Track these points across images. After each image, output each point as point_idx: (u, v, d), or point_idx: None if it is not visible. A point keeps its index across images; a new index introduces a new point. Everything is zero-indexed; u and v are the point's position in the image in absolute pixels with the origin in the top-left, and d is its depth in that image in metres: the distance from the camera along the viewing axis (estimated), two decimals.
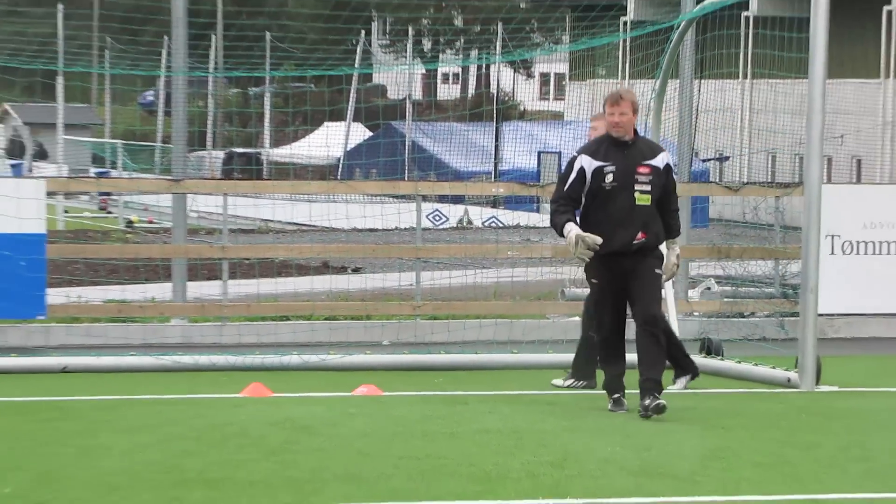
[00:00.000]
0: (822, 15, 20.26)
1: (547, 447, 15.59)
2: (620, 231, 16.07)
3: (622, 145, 16.25)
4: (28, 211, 23.67)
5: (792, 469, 14.81)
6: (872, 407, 19.13)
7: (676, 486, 13.88)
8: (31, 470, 14.36)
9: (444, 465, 14.73)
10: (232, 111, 71.44)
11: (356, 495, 13.21)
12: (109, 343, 23.51)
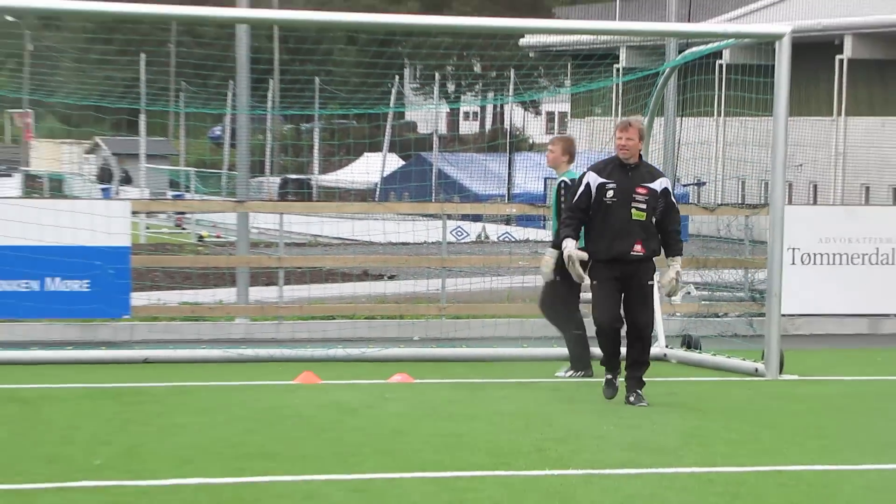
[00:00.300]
0: (784, 63, 20.30)
1: (552, 426, 15.56)
2: (618, 241, 16.04)
3: (626, 167, 16.21)
4: (116, 227, 23.66)
5: (759, 445, 14.76)
6: (828, 392, 19.08)
7: (662, 459, 13.85)
8: (118, 445, 14.33)
9: (465, 441, 14.71)
10: (286, 143, 71.18)
11: (392, 467, 13.19)
12: (184, 338, 23.51)
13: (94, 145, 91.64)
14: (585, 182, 16.27)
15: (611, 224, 16.10)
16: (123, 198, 53.02)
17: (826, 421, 16.69)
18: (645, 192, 16.08)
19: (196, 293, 28.61)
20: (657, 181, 16.31)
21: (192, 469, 12.98)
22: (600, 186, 16.09)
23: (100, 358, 21.16)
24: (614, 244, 16.10)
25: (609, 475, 13.04)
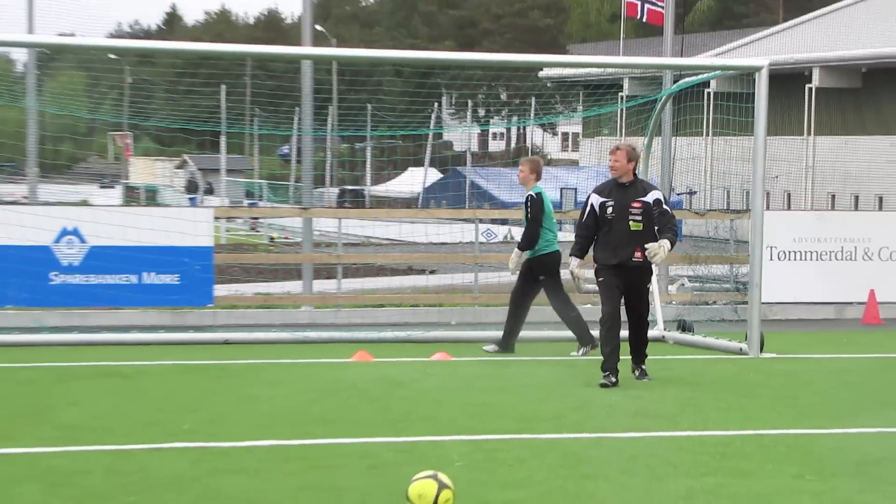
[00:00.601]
0: (762, 91, 20.27)
1: (568, 397, 15.52)
2: (620, 249, 16.04)
3: (622, 186, 16.22)
4: (201, 230, 23.69)
5: (743, 412, 14.71)
6: (801, 368, 19.02)
7: (661, 424, 13.82)
8: (203, 412, 14.34)
9: (494, 409, 14.69)
10: (343, 160, 71.40)
11: (433, 431, 13.17)
12: (258, 323, 23.50)
13: (182, 162, 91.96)
14: (590, 203, 16.40)
15: (613, 236, 16.12)
16: (207, 206, 53.17)
17: (799, 392, 16.63)
18: (639, 206, 16.06)
19: (268, 285, 28.62)
20: (649, 194, 16.24)
21: (265, 433, 12.99)
22: (602, 205, 16.15)
23: (187, 339, 21.18)
24: (617, 253, 16.11)
25: (616, 438, 13.02)
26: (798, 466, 11.60)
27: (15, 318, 22.48)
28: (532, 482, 10.86)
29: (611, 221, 16.05)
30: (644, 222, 16.04)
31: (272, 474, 11.05)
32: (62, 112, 43.44)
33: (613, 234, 16.06)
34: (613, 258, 16.08)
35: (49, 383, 16.49)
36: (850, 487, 10.80)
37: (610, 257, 16.10)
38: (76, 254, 22.85)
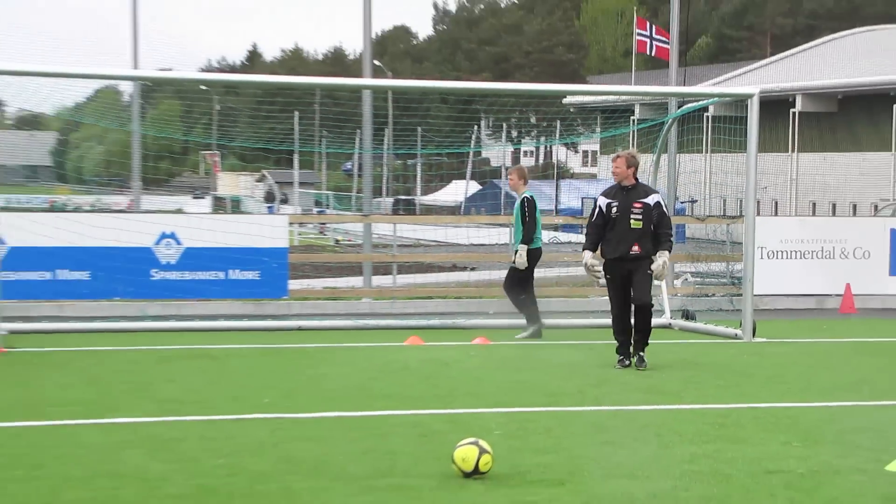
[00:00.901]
0: (754, 115, 20.21)
1: (589, 375, 15.45)
2: (622, 244, 15.81)
3: (625, 189, 15.98)
4: (277, 234, 23.71)
5: (739, 389, 14.62)
6: (788, 351, 18.90)
7: (668, 398, 13.76)
8: (279, 388, 14.32)
9: (527, 386, 14.64)
10: (398, 174, 71.41)
11: (475, 404, 13.13)
12: (326, 312, 23.49)
13: (262, 176, 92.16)
14: (598, 205, 16.15)
15: (616, 232, 15.88)
16: (283, 213, 53.24)
17: (786, 371, 16.53)
18: (640, 206, 15.81)
19: (334, 280, 28.68)
20: (650, 197, 16.00)
21: (332, 405, 12.97)
22: (608, 205, 15.94)
23: (267, 326, 21.22)
24: (619, 246, 15.86)
25: (630, 410, 12.96)
26: (786, 435, 11.52)
27: (122, 308, 22.56)
28: (559, 448, 10.81)
29: (614, 219, 15.84)
30: (643, 221, 15.82)
31: (338, 441, 11.03)
32: (161, 134, 43.55)
33: (618, 231, 15.83)
34: (615, 252, 15.86)
35: (150, 363, 16.52)
36: (830, 453, 10.72)
37: (613, 250, 15.89)
38: (173, 254, 22.89)
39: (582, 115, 63.78)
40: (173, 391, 14.09)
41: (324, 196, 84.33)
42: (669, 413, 12.88)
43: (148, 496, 8.95)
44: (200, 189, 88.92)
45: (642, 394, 14.11)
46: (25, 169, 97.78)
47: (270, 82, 42.96)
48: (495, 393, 14.06)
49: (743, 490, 9.31)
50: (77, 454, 10.39)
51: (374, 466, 9.99)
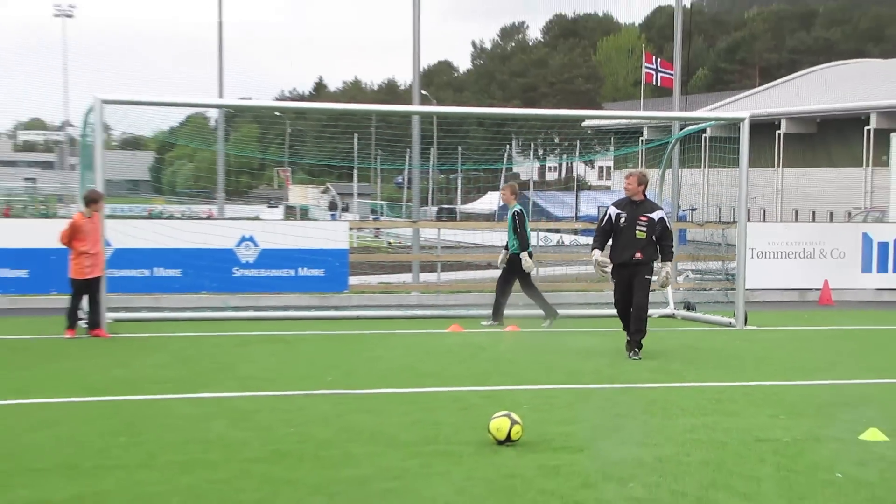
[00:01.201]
0: (745, 135, 20.17)
1: (603, 358, 15.38)
2: (626, 251, 15.40)
3: (634, 203, 15.57)
4: (339, 238, 23.75)
5: (733, 369, 14.53)
6: (775, 337, 18.76)
7: (672, 377, 13.68)
8: (341, 368, 14.31)
9: (551, 366, 14.58)
10: (441, 186, 71.41)
11: (508, 382, 13.08)
12: (381, 304, 23.51)
13: (326, 188, 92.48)
14: (608, 213, 15.75)
15: (622, 240, 15.52)
16: (344, 220, 53.32)
17: (774, 354, 16.41)
18: (645, 220, 15.40)
19: (387, 276, 28.66)
20: (655, 213, 15.52)
21: (386, 383, 12.95)
22: (616, 216, 15.55)
23: (330, 316, 21.22)
24: (623, 253, 15.49)
25: (639, 387, 12.89)
26: (773, 408, 11.46)
27: (207, 300, 22.62)
28: (579, 419, 10.77)
29: (621, 229, 15.50)
30: (647, 232, 15.43)
31: (390, 413, 11.02)
32: (241, 153, 43.77)
33: (623, 239, 15.49)
34: (620, 257, 15.49)
35: (232, 347, 16.55)
36: (812, 424, 10.66)
37: (618, 256, 15.53)
38: (251, 254, 22.93)
39: (598, 135, 63.68)
40: (251, 370, 14.11)
41: (378, 205, 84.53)
42: (673, 390, 12.81)
43: (230, 459, 8.97)
44: (274, 199, 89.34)
45: (649, 373, 14.05)
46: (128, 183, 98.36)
47: (334, 109, 42.98)
48: (524, 372, 14.02)
49: (736, 456, 9.26)
50: (171, 423, 10.43)
51: (421, 435, 9.98)
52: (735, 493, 8.07)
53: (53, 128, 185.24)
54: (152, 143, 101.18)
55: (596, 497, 7.91)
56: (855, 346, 17.73)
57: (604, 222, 15.77)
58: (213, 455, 9.11)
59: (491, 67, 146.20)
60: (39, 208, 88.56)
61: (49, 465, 8.71)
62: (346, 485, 8.18)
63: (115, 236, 21.07)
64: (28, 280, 21.89)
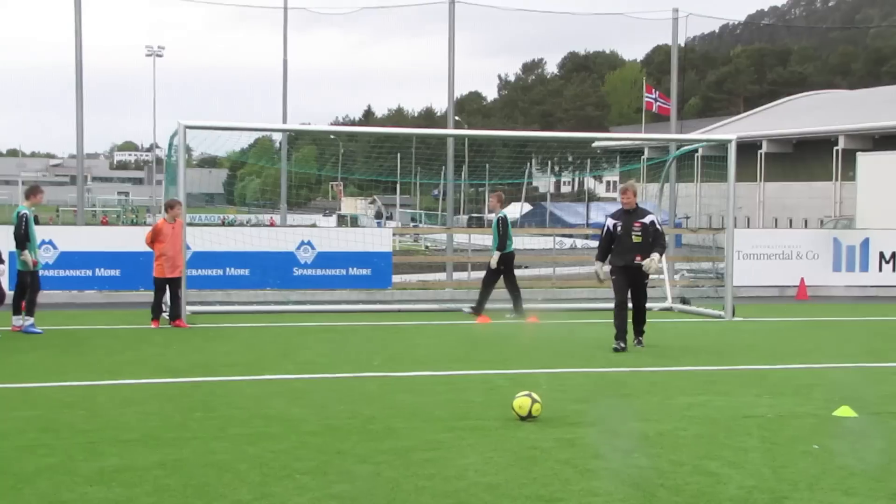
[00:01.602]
0: (732, 154, 20.04)
1: (597, 342, 15.25)
2: (626, 255, 14.77)
3: (628, 213, 14.99)
4: (384, 242, 23.66)
5: (722, 355, 14.41)
6: (759, 328, 18.60)
7: (670, 362, 13.57)
8: (385, 353, 14.26)
9: (566, 353, 14.51)
10: (471, 197, 71.33)
11: (529, 365, 13.02)
12: (418, 298, 23.38)
13: (373, 199, 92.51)
14: (606, 225, 15.19)
15: (621, 246, 14.87)
16: (388, 227, 53.26)
17: (759, 342, 16.27)
18: (639, 226, 14.84)
19: (425, 275, 28.57)
20: (646, 217, 14.98)
21: (425, 367, 12.91)
22: (614, 226, 15.00)
23: (376, 309, 21.12)
24: (624, 256, 14.83)
25: (642, 371, 12.79)
26: (758, 389, 11.34)
27: (271, 296, 22.59)
28: (590, 398, 10.69)
29: (619, 236, 14.98)
30: (643, 236, 14.83)
31: (428, 393, 10.95)
32: (302, 170, 43.80)
33: (622, 245, 14.94)
34: (621, 261, 14.93)
35: (291, 335, 16.50)
36: (791, 402, 10.55)
37: (619, 260, 14.97)
38: (309, 256, 22.89)
39: (606, 154, 63.41)
40: (308, 356, 14.07)
41: (418, 214, 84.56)
42: (671, 373, 12.70)
43: (290, 432, 8.91)
44: (329, 209, 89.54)
45: (651, 358, 13.92)
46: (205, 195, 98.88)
47: (380, 132, 42.99)
48: (543, 357, 13.92)
49: (726, 430, 9.16)
50: (239, 401, 10.39)
51: (454, 412, 9.90)
52: (726, 462, 7.97)
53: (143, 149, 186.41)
54: (226, 162, 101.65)
55: (605, 466, 7.82)
56: (828, 335, 17.57)
57: (604, 234, 15.25)
58: (274, 428, 9.06)
59: (514, 97, 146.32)
60: (130, 217, 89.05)
61: (135, 437, 8.69)
62: (390, 455, 8.12)
63: (193, 241, 21.08)
64: (119, 278, 21.92)
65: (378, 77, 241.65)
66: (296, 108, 49.70)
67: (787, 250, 25.62)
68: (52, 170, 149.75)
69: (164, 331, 16.88)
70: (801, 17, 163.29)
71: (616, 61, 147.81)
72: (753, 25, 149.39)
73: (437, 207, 75.41)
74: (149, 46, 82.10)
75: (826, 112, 65.65)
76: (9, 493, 7.01)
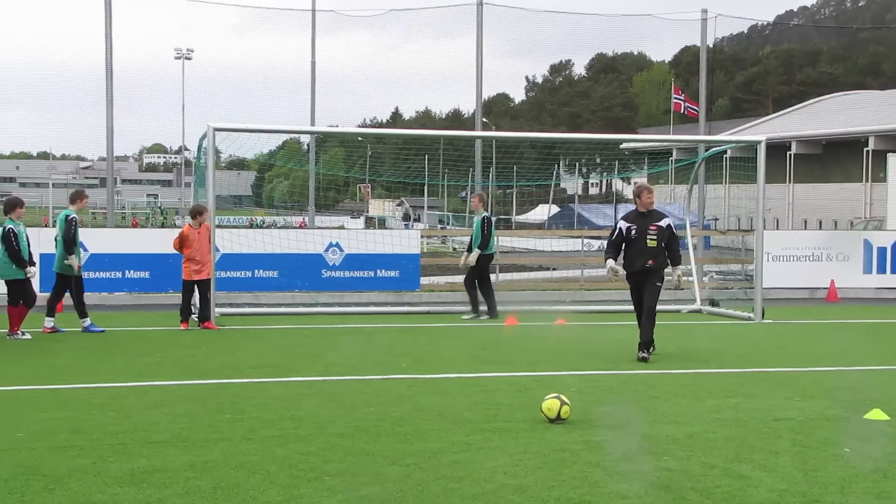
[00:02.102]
0: (761, 156, 19.95)
1: (625, 343, 15.19)
2: (639, 259, 13.93)
3: (642, 215, 14.20)
4: (412, 244, 23.71)
5: (752, 357, 14.35)
6: (789, 329, 18.48)
7: (699, 364, 13.53)
8: (414, 355, 14.26)
9: (594, 355, 14.47)
10: (499, 199, 71.28)
11: (557, 368, 12.99)
12: (446, 300, 23.34)
13: (401, 202, 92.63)
14: (619, 227, 14.27)
15: (635, 249, 14.01)
16: (416, 229, 53.28)
17: (788, 344, 16.19)
18: (655, 229, 13.97)
19: (452, 277, 28.50)
20: (662, 220, 14.13)
21: (452, 368, 12.90)
22: (627, 229, 14.10)
23: (404, 310, 21.12)
24: (636, 261, 13.99)
25: (671, 373, 12.73)
26: (788, 391, 11.27)
27: (300, 297, 22.64)
28: (618, 401, 10.66)
29: (633, 240, 14.05)
30: (657, 241, 14.02)
31: (456, 395, 10.94)
32: (329, 172, 43.88)
33: (636, 248, 14.02)
34: (634, 265, 14.02)
35: (320, 337, 16.53)
36: (821, 405, 10.47)
37: (632, 265, 14.06)
38: (337, 258, 22.94)
39: (633, 156, 63.21)
40: (337, 357, 14.08)
41: (445, 216, 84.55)
42: (700, 375, 12.64)
43: (318, 433, 8.92)
44: (357, 211, 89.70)
45: (680, 361, 13.86)
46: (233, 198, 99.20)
47: (408, 134, 43.06)
48: (571, 360, 13.88)
49: (756, 433, 9.11)
50: (268, 403, 10.41)
51: (482, 413, 9.89)
52: (756, 466, 7.92)
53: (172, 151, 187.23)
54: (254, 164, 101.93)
55: (634, 469, 7.79)
56: (859, 337, 17.45)
57: (615, 235, 14.30)
58: (303, 430, 9.08)
59: (542, 98, 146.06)
60: (160, 219, 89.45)
61: (165, 438, 8.72)
62: (419, 457, 8.11)
63: (222, 243, 21.17)
64: (149, 280, 22.04)
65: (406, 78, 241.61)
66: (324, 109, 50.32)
67: (817, 252, 25.51)
68: (81, 172, 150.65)
69: (192, 332, 16.95)
70: (831, 18, 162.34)
71: (644, 62, 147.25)
72: (782, 26, 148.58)
73: (464, 209, 75.39)
74: (178, 49, 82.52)
75: (856, 113, 65.30)
76: (41, 493, 7.06)
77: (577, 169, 74.32)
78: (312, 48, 26.67)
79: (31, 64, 68.25)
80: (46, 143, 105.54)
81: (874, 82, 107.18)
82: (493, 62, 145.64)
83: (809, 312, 21.75)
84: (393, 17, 28.50)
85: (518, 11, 27.59)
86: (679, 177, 44.81)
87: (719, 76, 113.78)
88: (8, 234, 15.95)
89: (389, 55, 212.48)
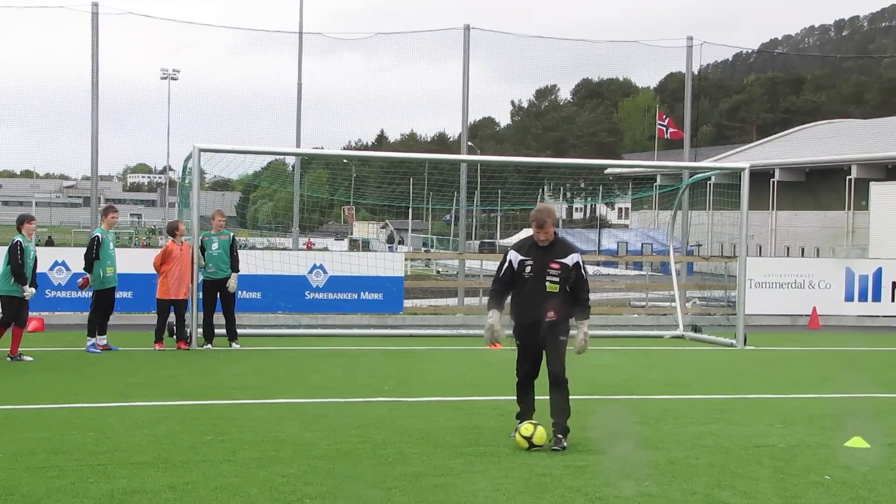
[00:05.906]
0: (745, 183, 19.98)
1: (623, 372, 15.23)
2: (534, 309, 9.71)
3: (541, 247, 9.92)
4: (396, 266, 23.69)
5: (734, 383, 14.37)
6: (770, 356, 18.52)
7: (682, 390, 13.54)
8: (396, 378, 14.24)
9: (577, 380, 14.35)
10: (483, 223, 71.37)
11: (540, 392, 12.93)
12: (429, 324, 23.33)
13: (385, 224, 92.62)
14: (508, 259, 10.02)
15: (529, 294, 9.79)
16: (400, 251, 53.26)
17: (770, 371, 16.22)
18: (557, 267, 9.72)
19: (436, 300, 28.53)
20: (569, 257, 9.83)
21: (435, 392, 12.91)
22: (520, 263, 9.88)
23: (387, 333, 21.10)
24: (530, 312, 9.78)
25: (653, 398, 12.76)
26: (770, 418, 11.30)
27: (283, 319, 22.60)
28: (601, 426, 10.69)
29: (528, 281, 9.86)
30: (560, 284, 9.79)
31: (438, 418, 10.93)
32: (313, 194, 43.84)
33: (531, 293, 9.86)
34: (527, 317, 9.86)
35: (302, 359, 16.50)
36: (804, 432, 10.50)
37: (524, 315, 9.91)
38: (321, 280, 22.91)
39: (618, 181, 63.42)
40: (319, 379, 14.06)
41: (429, 239, 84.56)
42: (682, 401, 12.66)
43: (300, 456, 8.90)
44: (341, 233, 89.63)
45: (662, 386, 13.88)
46: None
47: (393, 157, 43.03)
48: (582, 379, 13.83)
49: (738, 459, 9.12)
50: (249, 424, 10.38)
51: (465, 437, 9.88)
52: (737, 492, 7.93)
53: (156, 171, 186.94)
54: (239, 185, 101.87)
55: (616, 494, 7.79)
56: (841, 364, 17.51)
57: (503, 272, 10.09)
58: (285, 452, 9.05)
59: (527, 123, 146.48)
60: (143, 240, 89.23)
61: (145, 459, 8.68)
62: (400, 480, 8.10)
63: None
64: (132, 300, 21.97)
65: (392, 101, 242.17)
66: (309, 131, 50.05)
67: (800, 279, 25.60)
68: (65, 191, 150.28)
69: (175, 353, 16.89)
70: (815, 46, 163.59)
71: (630, 88, 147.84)
72: (767, 54, 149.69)
73: (448, 233, 75.42)
74: (164, 69, 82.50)
75: (839, 141, 65.67)
76: None
77: (562, 193, 74.51)
78: (299, 70, 26.75)
79: (15, 81, 68.19)
80: (30, 162, 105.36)
81: (857, 111, 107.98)
82: (479, 86, 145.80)
83: (791, 339, 21.81)
84: (380, 41, 28.58)
85: (505, 37, 27.73)
86: (663, 202, 45.00)
87: (704, 103, 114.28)
88: (15, 246, 15.72)
89: (376, 78, 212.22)
